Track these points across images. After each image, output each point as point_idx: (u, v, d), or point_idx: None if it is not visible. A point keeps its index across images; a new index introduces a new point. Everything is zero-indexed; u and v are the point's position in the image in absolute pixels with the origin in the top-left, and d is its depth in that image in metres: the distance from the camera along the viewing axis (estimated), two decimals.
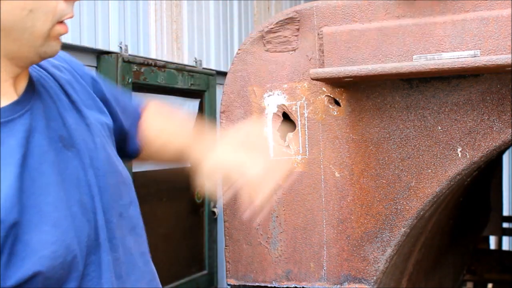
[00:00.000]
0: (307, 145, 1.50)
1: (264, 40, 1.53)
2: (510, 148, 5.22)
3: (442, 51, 1.32)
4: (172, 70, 3.16)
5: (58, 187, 0.95)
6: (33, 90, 1.00)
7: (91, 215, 1.00)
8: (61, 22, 0.95)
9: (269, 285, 1.54)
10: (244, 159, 1.12)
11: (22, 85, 0.98)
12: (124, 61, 2.78)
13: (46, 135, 0.97)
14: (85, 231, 0.98)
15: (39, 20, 0.92)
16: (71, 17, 0.97)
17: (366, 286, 1.45)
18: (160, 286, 1.17)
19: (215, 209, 3.58)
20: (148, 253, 1.15)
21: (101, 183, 1.02)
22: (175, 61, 3.41)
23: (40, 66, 1.06)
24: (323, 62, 1.42)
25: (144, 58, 3.01)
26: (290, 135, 1.52)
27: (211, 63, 3.84)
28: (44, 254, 0.89)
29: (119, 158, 1.13)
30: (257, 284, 1.56)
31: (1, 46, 0.91)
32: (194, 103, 3.43)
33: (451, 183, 1.39)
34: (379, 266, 1.45)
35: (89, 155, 1.03)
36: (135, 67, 2.87)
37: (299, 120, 1.50)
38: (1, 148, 0.90)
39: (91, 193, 1.01)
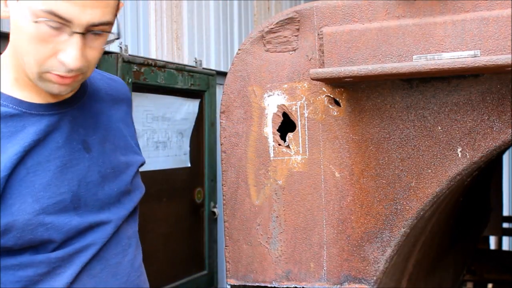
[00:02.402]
0: (307, 145, 1.50)
1: (264, 40, 1.53)
2: (510, 148, 5.22)
3: (442, 51, 1.32)
4: (172, 70, 3.16)
5: (56, 175, 1.19)
6: (76, 102, 1.27)
7: (87, 204, 1.24)
8: (57, 74, 1.15)
9: (269, 285, 1.54)
10: None
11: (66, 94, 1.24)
12: (124, 61, 2.78)
13: (67, 136, 1.22)
14: (70, 214, 1.21)
15: (30, 60, 1.14)
16: (65, 75, 1.15)
17: (366, 286, 1.45)
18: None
19: (215, 209, 3.58)
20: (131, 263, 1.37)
21: (109, 186, 1.30)
22: (175, 61, 3.41)
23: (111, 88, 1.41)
24: (323, 62, 1.42)
25: (144, 58, 3.01)
26: (290, 135, 1.52)
27: (211, 63, 3.85)
28: (18, 219, 1.14)
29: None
30: (257, 284, 1.56)
31: (19, 63, 1.18)
32: (194, 103, 3.43)
33: (451, 183, 1.39)
34: (379, 266, 1.45)
35: (104, 161, 1.29)
36: (135, 67, 2.87)
37: (299, 120, 1.51)
38: (21, 132, 1.16)
39: (94, 191, 1.26)
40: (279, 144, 1.53)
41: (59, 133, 1.21)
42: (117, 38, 1.23)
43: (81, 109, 1.28)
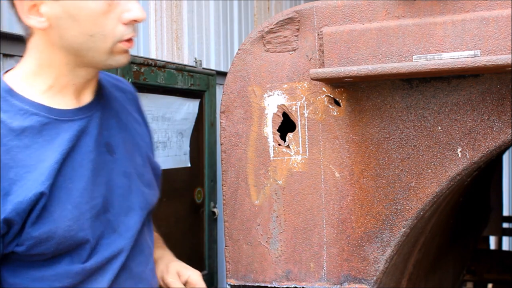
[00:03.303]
0: (307, 145, 1.50)
1: (264, 40, 1.53)
2: (510, 148, 5.22)
3: (442, 51, 1.32)
4: (172, 70, 3.16)
5: (90, 180, 1.21)
6: (98, 104, 1.28)
7: (114, 206, 1.26)
8: (127, 40, 1.20)
9: (269, 285, 1.54)
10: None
11: (88, 97, 1.27)
12: None
13: (95, 139, 1.24)
14: (102, 218, 1.23)
15: (99, 41, 1.17)
16: (133, 36, 1.20)
17: (366, 286, 1.45)
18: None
19: (215, 209, 3.58)
20: (152, 263, 1.40)
21: (133, 187, 1.31)
22: (175, 61, 3.41)
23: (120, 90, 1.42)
24: (323, 62, 1.42)
25: (144, 58, 3.01)
26: (290, 135, 1.52)
27: (211, 63, 3.85)
28: (60, 225, 1.15)
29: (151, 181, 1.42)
30: (257, 284, 1.56)
31: (74, 59, 1.19)
32: (194, 103, 3.43)
33: (451, 183, 1.39)
34: (379, 266, 1.45)
35: (126, 163, 1.31)
36: (135, 67, 2.87)
37: (299, 120, 1.51)
38: (56, 139, 1.17)
39: (119, 192, 1.28)
40: (279, 144, 1.53)
41: (89, 137, 1.23)
42: None
43: (104, 111, 1.30)
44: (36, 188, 1.12)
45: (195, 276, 1.44)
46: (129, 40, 1.20)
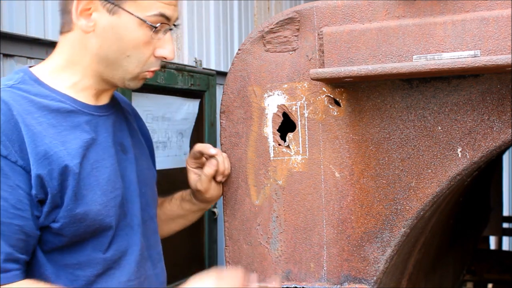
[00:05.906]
0: (307, 145, 1.50)
1: (264, 40, 1.53)
2: (510, 148, 5.22)
3: (442, 51, 1.32)
4: (172, 70, 3.16)
5: (112, 172, 1.30)
6: (113, 107, 1.39)
7: (128, 201, 1.35)
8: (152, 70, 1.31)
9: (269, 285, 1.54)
10: None
11: (105, 100, 1.37)
12: None
13: (112, 138, 1.34)
14: (121, 209, 1.32)
15: (132, 64, 1.27)
16: (157, 69, 1.32)
17: (366, 286, 1.45)
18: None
19: (215, 209, 3.58)
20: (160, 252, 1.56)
21: (141, 187, 1.42)
22: (175, 61, 3.41)
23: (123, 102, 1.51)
24: (323, 62, 1.42)
25: None
26: (290, 135, 1.52)
27: (211, 63, 3.85)
28: (92, 208, 1.24)
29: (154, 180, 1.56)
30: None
31: (102, 69, 1.28)
32: (194, 103, 3.43)
33: (451, 183, 1.39)
34: (379, 266, 1.45)
35: (136, 164, 1.41)
36: None
37: (299, 120, 1.51)
38: (78, 128, 1.26)
39: (133, 189, 1.37)
40: (279, 144, 1.53)
41: (107, 133, 1.33)
42: (170, 29, 1.34)
43: (117, 114, 1.40)
44: (66, 161, 1.20)
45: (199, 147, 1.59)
46: (153, 71, 1.32)
